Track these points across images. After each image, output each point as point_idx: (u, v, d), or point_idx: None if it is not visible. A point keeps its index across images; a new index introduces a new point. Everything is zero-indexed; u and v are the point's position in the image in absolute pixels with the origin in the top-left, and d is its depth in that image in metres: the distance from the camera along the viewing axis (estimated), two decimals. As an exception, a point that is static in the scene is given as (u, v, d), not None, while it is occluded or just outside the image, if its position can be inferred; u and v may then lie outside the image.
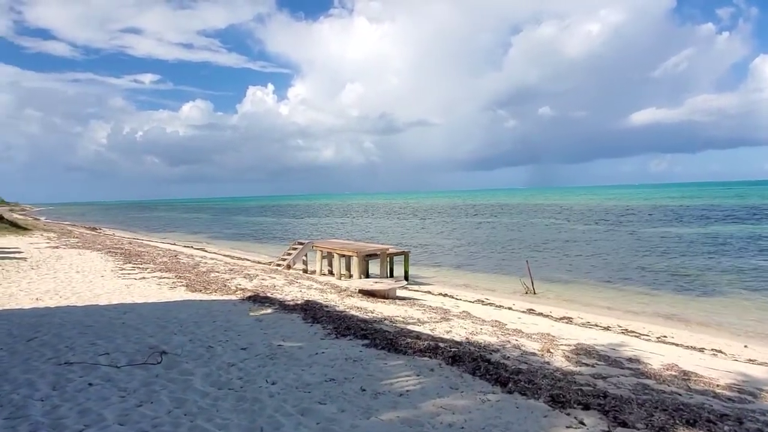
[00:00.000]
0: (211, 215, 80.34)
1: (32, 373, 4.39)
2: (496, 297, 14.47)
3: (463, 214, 60.95)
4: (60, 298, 8.73)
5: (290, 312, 8.23)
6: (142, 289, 9.96)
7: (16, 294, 9.00)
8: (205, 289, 10.38)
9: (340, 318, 7.86)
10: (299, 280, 13.59)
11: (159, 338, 5.97)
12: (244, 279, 12.35)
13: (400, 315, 9.13)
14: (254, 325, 7.07)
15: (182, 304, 8.50)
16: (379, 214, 65.97)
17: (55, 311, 7.49)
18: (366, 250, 16.87)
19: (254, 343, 5.93)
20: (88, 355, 5.06)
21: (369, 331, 6.97)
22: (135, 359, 4.99)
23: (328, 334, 6.74)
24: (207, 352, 5.46)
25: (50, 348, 5.28)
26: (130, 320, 6.95)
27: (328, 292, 11.78)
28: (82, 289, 9.68)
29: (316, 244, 18.79)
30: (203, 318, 7.37)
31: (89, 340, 5.70)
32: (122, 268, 13.33)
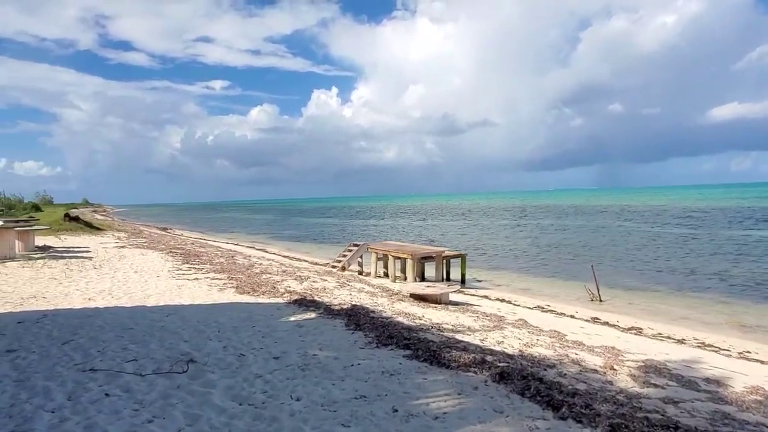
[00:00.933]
0: (275, 216, 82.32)
1: (54, 380, 4.27)
2: (557, 303, 13.62)
3: (526, 216, 59.15)
4: (111, 299, 8.84)
5: (334, 317, 7.91)
6: (192, 291, 9.97)
7: (72, 293, 9.21)
8: (253, 291, 10.27)
9: (384, 325, 7.46)
10: (351, 283, 13.32)
11: (193, 344, 5.79)
12: (294, 281, 12.21)
13: (450, 322, 8.63)
14: (294, 331, 6.79)
15: (226, 307, 8.38)
16: (439, 216, 65.20)
17: (102, 312, 7.52)
18: (421, 253, 16.41)
19: (288, 352, 5.63)
20: (116, 361, 4.92)
21: (412, 340, 6.52)
22: (162, 367, 4.80)
23: (369, 342, 6.35)
24: (237, 360, 5.21)
25: (81, 352, 5.20)
26: (170, 323, 6.85)
27: (379, 295, 11.43)
28: (135, 290, 9.80)
29: (371, 246, 18.52)
30: (244, 322, 7.18)
31: (123, 344, 5.59)
32: (179, 268, 13.54)
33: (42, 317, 7.00)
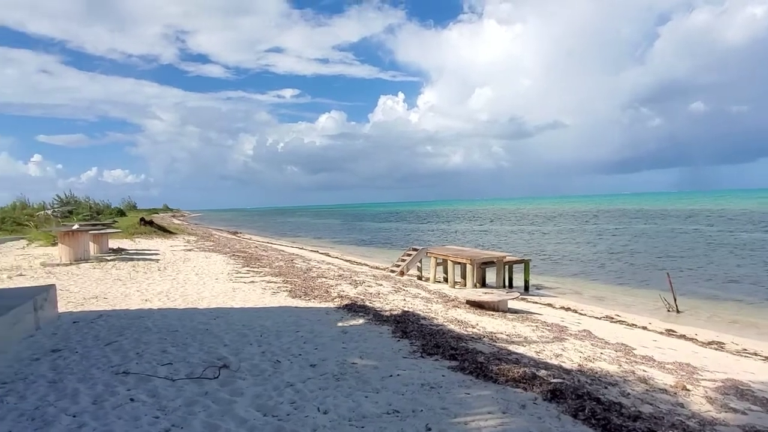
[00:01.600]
0: (340, 220, 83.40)
1: (85, 382, 4.25)
2: (628, 314, 12.70)
3: (597, 220, 56.55)
4: (167, 300, 9.00)
5: (382, 324, 7.64)
6: (246, 294, 10.02)
7: (132, 294, 9.47)
8: (305, 295, 10.19)
9: (432, 333, 7.10)
10: (407, 288, 13.02)
11: (232, 348, 5.69)
12: (349, 285, 12.05)
13: (505, 332, 8.13)
14: (337, 337, 6.57)
15: (275, 311, 8.31)
16: (504, 221, 63.62)
17: (153, 314, 7.63)
18: (481, 258, 15.86)
19: (327, 360, 5.41)
20: (151, 364, 4.87)
21: (459, 350, 6.13)
22: (195, 372, 4.70)
23: (413, 351, 6.02)
24: (272, 367, 5.03)
25: (121, 354, 5.20)
26: (215, 326, 6.82)
27: (434, 301, 11.06)
28: (191, 292, 9.97)
29: (430, 251, 18.14)
30: (288, 327, 7.05)
31: (163, 347, 5.57)
32: (238, 271, 13.74)
33: (97, 317, 7.18)
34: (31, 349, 5.28)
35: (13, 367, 4.65)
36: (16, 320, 5.50)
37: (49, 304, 6.75)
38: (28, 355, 5.07)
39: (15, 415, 3.51)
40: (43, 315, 6.43)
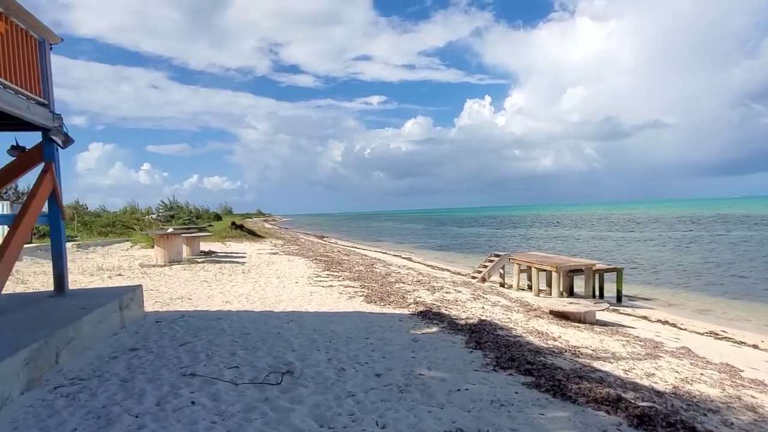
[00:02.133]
0: (425, 225, 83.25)
1: (154, 382, 4.34)
2: (736, 330, 11.47)
3: (701, 226, 52.21)
4: (246, 302, 9.23)
5: (456, 333, 7.34)
6: (322, 298, 10.07)
7: (215, 296, 9.82)
8: (381, 300, 10.07)
9: (508, 345, 6.70)
10: (487, 295, 12.56)
11: (300, 353, 5.65)
12: (426, 291, 11.81)
13: (591, 346, 7.53)
14: (407, 345, 6.36)
15: (348, 316, 8.25)
16: (595, 226, 60.46)
17: (231, 315, 7.82)
18: (568, 265, 15.03)
19: (393, 369, 5.21)
20: (218, 366, 4.92)
21: (536, 365, 5.71)
22: (259, 376, 4.68)
23: (486, 364, 5.68)
24: (336, 375, 4.91)
25: (191, 355, 5.31)
26: (287, 330, 6.85)
27: (515, 310, 10.55)
28: (270, 295, 10.17)
29: (513, 257, 17.48)
30: (359, 333, 6.94)
31: (233, 349, 5.63)
32: (318, 275, 13.93)
33: (179, 318, 7.47)
34: (113, 347, 5.53)
35: (93, 364, 4.87)
36: (101, 319, 5.80)
37: (135, 304, 7.10)
38: (108, 353, 5.31)
39: (83, 413, 3.62)
40: (129, 314, 6.76)
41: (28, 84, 6.10)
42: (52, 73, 6.72)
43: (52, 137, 6.53)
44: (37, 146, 6.62)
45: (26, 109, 5.88)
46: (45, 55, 6.58)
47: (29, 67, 6.18)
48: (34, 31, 6.32)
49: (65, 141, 6.64)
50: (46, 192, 6.37)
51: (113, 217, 40.77)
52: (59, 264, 6.75)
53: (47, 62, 6.60)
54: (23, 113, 5.82)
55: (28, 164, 6.68)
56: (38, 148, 6.62)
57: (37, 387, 4.08)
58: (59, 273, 6.76)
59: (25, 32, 6.09)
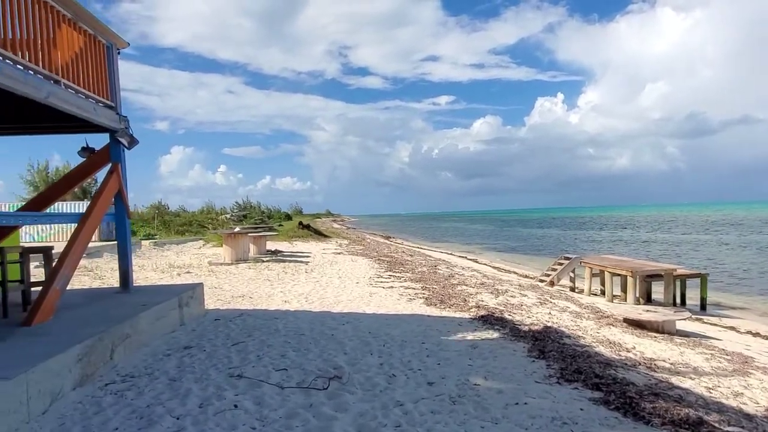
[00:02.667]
0: (494, 226, 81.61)
1: (200, 382, 4.31)
2: (842, 345, 10.22)
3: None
4: (305, 302, 9.22)
5: (518, 340, 6.94)
6: (382, 299, 9.91)
7: (275, 295, 9.90)
8: (441, 303, 9.78)
9: (575, 355, 6.23)
10: (555, 300, 11.95)
11: (351, 357, 5.49)
12: (490, 294, 11.38)
13: (669, 359, 6.90)
14: (465, 352, 6.06)
15: (405, 319, 8.03)
16: (679, 228, 56.84)
17: (288, 315, 7.81)
18: (645, 270, 14.07)
19: (447, 378, 4.94)
20: (267, 368, 4.84)
21: (605, 379, 5.24)
22: (306, 380, 4.55)
23: (549, 376, 5.28)
24: (386, 381, 4.70)
25: (242, 355, 5.28)
26: (341, 332, 6.72)
27: (585, 317, 9.93)
28: (330, 295, 10.13)
29: (585, 260, 16.61)
30: (415, 337, 6.70)
31: (284, 351, 5.56)
32: (380, 275, 13.80)
33: (237, 316, 7.53)
34: (168, 345, 5.60)
35: (146, 361, 4.93)
36: (159, 316, 5.90)
37: (196, 302, 7.22)
38: (163, 350, 5.38)
39: (127, 412, 3.62)
40: (189, 312, 6.88)
41: (96, 87, 6.33)
42: (119, 76, 6.96)
43: (118, 138, 6.74)
44: (105, 147, 6.87)
45: (93, 111, 6.09)
46: (113, 59, 6.81)
47: (97, 71, 6.40)
48: (102, 36, 6.55)
49: (130, 142, 6.85)
50: (111, 192, 6.59)
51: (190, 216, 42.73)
52: (124, 262, 6.98)
53: (115, 66, 6.83)
54: (90, 116, 6.03)
55: (97, 165, 6.96)
56: (106, 150, 6.86)
57: (90, 383, 4.15)
58: (124, 270, 6.99)
59: (93, 38, 6.32)
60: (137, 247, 18.55)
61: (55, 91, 5.32)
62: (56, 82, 5.40)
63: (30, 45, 5.01)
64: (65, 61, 5.61)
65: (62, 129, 6.96)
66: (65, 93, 5.51)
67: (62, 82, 5.49)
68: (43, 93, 5.08)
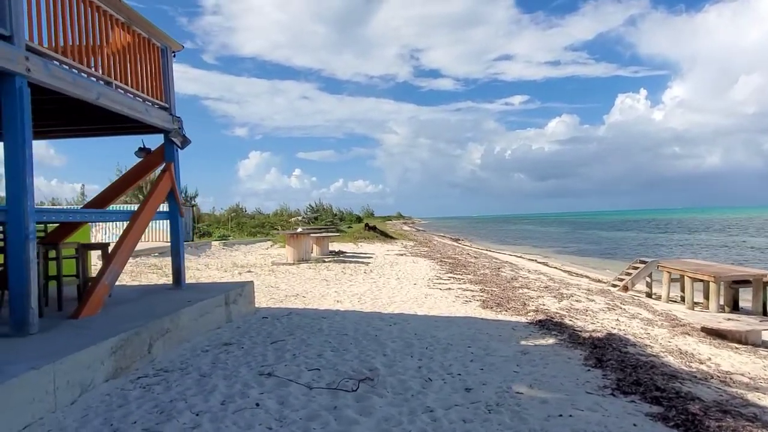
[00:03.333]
0: (569, 229, 78.59)
1: (229, 379, 4.27)
2: None
3: None
4: (357, 302, 9.13)
5: (575, 347, 6.47)
6: (436, 301, 9.65)
7: (329, 295, 9.88)
8: (498, 306, 9.38)
9: (636, 365, 5.70)
10: (625, 306, 11.17)
11: (390, 359, 5.30)
12: (553, 298, 10.81)
13: (749, 373, 6.18)
14: (513, 358, 5.71)
15: (456, 321, 7.74)
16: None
17: (336, 315, 7.73)
18: (730, 275, 12.87)
19: (487, 384, 4.63)
20: (300, 368, 4.74)
21: (667, 392, 4.72)
22: (337, 380, 4.41)
23: (603, 387, 4.84)
24: (420, 385, 4.47)
25: (278, 353, 5.22)
26: (386, 333, 6.55)
27: (657, 325, 9.19)
28: (384, 296, 9.99)
29: (663, 264, 15.44)
30: (462, 341, 6.41)
31: (322, 350, 5.45)
32: (440, 277, 13.52)
33: (286, 315, 7.54)
34: (210, 341, 5.66)
35: (184, 356, 4.98)
36: (203, 312, 5.98)
37: (244, 299, 7.29)
38: (203, 345, 5.43)
39: (150, 406, 3.62)
40: (236, 309, 6.95)
41: (149, 89, 6.53)
42: (174, 78, 7.17)
43: (171, 138, 6.94)
44: (160, 147, 7.09)
45: (145, 112, 6.29)
46: (167, 61, 7.02)
47: (151, 73, 6.61)
48: (157, 39, 6.76)
49: (183, 142, 7.03)
50: (164, 191, 6.78)
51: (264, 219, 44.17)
52: (177, 259, 7.17)
53: (169, 68, 7.05)
54: (142, 116, 6.23)
55: (154, 165, 7.19)
56: (161, 150, 7.08)
57: (124, 375, 4.22)
58: (177, 268, 7.18)
59: (147, 41, 6.53)
60: (207, 247, 19.30)
61: (106, 92, 5.52)
62: (107, 84, 5.60)
63: (82, 48, 5.21)
64: (117, 63, 5.82)
65: (118, 130, 7.26)
66: (116, 94, 5.71)
67: (114, 83, 5.70)
68: (94, 94, 5.27)
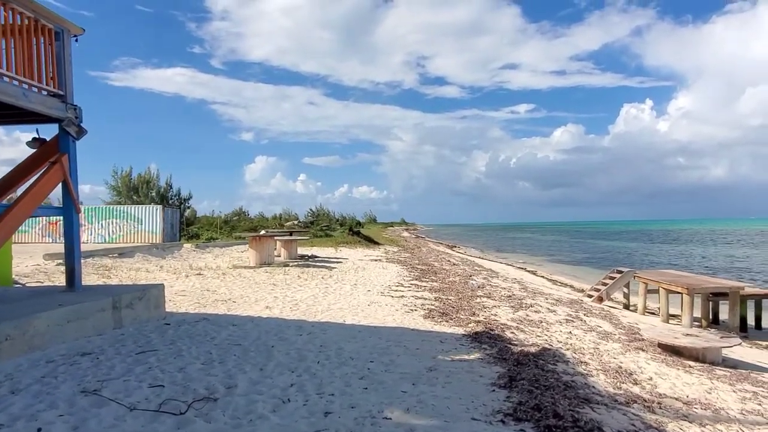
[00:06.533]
0: (569, 238, 77.65)
1: (39, 396, 3.67)
2: None
3: None
4: (288, 309, 8.51)
5: (496, 363, 5.84)
6: (377, 309, 9.04)
7: (263, 300, 9.30)
8: (443, 316, 8.75)
9: (550, 386, 5.05)
10: (588, 317, 10.51)
11: (265, 374, 4.68)
12: (510, 309, 10.17)
13: (688, 396, 5.52)
14: (415, 376, 5.07)
15: (380, 332, 7.11)
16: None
17: (250, 322, 7.13)
18: (704, 286, 12.19)
19: (357, 407, 4.00)
20: (142, 384, 4.12)
21: (565, 420, 4.08)
22: (178, 400, 3.80)
23: (496, 412, 4.20)
24: (270, 408, 3.84)
25: (130, 367, 4.61)
26: (288, 344, 5.93)
27: (614, 339, 8.53)
28: (324, 302, 9.39)
29: (640, 274, 14.76)
30: (369, 354, 5.79)
31: (189, 363, 4.84)
32: (401, 284, 12.91)
33: (196, 321, 6.95)
34: (69, 350, 5.04)
35: (21, 367, 4.37)
36: (75, 317, 5.39)
37: (145, 304, 6.70)
38: (54, 355, 4.81)
39: None
40: (132, 314, 6.37)
41: (36, 73, 5.98)
42: (71, 64, 6.61)
43: (65, 128, 6.39)
44: (55, 138, 6.54)
45: (23, 97, 5.73)
46: (63, 45, 6.47)
47: (39, 57, 6.06)
48: (48, 20, 6.22)
49: (78, 132, 6.48)
50: (50, 184, 6.22)
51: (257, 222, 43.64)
52: (71, 259, 6.58)
53: (65, 53, 6.49)
54: (18, 102, 5.67)
55: (48, 156, 6.62)
56: (56, 140, 6.53)
57: None
58: (71, 268, 6.60)
59: (34, 21, 5.98)
60: (176, 249, 18.77)
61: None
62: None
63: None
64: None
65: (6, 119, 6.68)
66: (-22, 75, 5.15)
67: (-22, 64, 5.15)
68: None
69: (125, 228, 28.08)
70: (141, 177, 39.62)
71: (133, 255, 15.83)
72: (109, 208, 29.90)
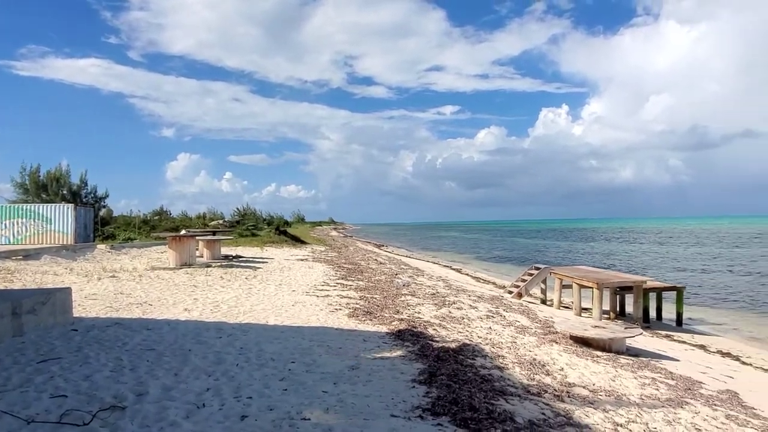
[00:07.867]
0: (492, 236, 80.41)
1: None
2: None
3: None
4: (209, 312, 8.24)
5: (417, 359, 5.95)
6: (302, 309, 8.95)
7: (181, 302, 8.95)
8: (367, 315, 8.79)
9: (468, 380, 5.22)
10: (507, 313, 10.92)
11: (179, 379, 4.51)
12: (433, 306, 10.38)
13: (593, 385, 5.88)
14: (336, 375, 5.07)
15: (302, 332, 7.05)
16: (675, 241, 55.46)
17: (166, 325, 6.84)
18: (611, 281, 13.01)
19: (275, 409, 3.94)
20: (42, 394, 3.87)
21: (480, 412, 4.23)
22: (82, 410, 3.58)
23: (415, 407, 4.28)
24: (183, 414, 3.71)
25: (29, 376, 4.31)
26: (206, 347, 5.74)
27: (530, 333, 8.92)
28: (247, 303, 9.17)
29: (555, 271, 15.55)
30: (291, 354, 5.73)
31: (97, 371, 4.59)
32: (327, 283, 12.84)
33: (108, 326, 6.58)
34: (-40, 361, 4.65)
35: None
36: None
37: (50, 309, 6.27)
38: (-58, 367, 4.43)
39: None
40: (34, 320, 5.93)
41: None
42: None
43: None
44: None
45: None
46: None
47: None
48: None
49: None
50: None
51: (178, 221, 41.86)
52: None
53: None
54: None
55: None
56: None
57: None
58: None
59: None
60: (89, 250, 17.67)
61: None
62: None
63: None
64: None
65: None
66: None
67: None
68: None
69: (32, 228, 26.08)
70: (50, 174, 37.02)
71: (39, 257, 14.72)
72: (14, 206, 27.71)
